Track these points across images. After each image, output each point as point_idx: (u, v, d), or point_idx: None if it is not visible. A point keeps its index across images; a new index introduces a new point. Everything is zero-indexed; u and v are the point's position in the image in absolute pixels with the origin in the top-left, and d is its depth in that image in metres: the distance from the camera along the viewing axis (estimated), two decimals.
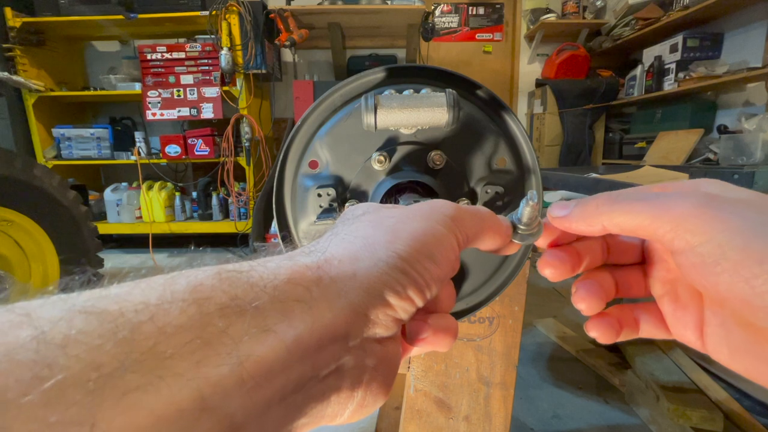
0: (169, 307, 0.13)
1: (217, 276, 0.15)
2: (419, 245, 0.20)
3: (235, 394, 0.13)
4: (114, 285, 0.14)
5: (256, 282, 0.15)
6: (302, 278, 0.17)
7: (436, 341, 0.22)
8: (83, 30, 2.92)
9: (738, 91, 2.44)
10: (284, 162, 0.39)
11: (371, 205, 0.24)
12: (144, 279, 0.14)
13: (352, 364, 0.18)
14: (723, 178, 0.86)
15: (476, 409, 0.51)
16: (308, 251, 0.19)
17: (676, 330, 0.23)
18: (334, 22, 2.89)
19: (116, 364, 0.11)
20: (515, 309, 0.51)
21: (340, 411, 0.18)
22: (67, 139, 2.83)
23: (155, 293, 0.13)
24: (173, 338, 0.13)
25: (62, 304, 0.12)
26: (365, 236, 0.20)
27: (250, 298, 0.15)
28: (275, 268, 0.17)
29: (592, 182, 0.80)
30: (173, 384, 0.12)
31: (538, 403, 1.22)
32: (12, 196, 1.42)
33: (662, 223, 0.20)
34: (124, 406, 0.11)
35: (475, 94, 0.39)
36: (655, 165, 1.04)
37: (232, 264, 0.16)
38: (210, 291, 0.14)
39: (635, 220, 0.21)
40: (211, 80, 2.70)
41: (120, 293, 0.13)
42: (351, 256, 0.19)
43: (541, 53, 3.57)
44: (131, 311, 0.13)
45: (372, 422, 1.05)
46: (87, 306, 0.12)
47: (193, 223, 2.91)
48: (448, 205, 0.23)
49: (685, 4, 2.46)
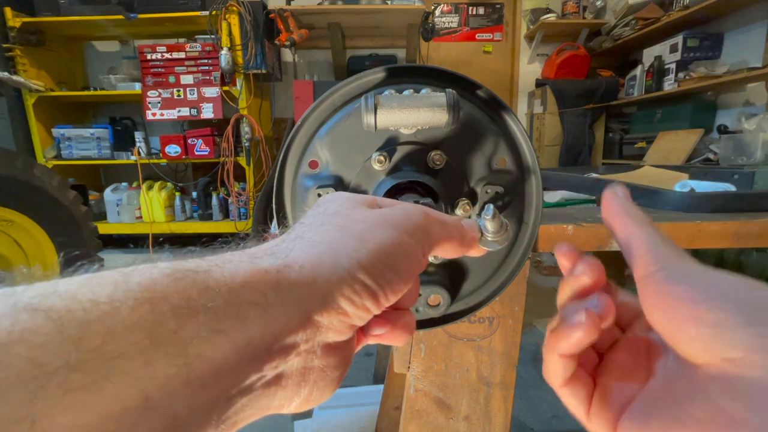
0: (119, 305, 0.13)
1: (173, 275, 0.15)
2: (384, 256, 0.20)
3: (180, 393, 0.13)
4: (63, 280, 0.14)
5: (211, 284, 0.15)
6: (259, 282, 0.16)
7: (393, 337, 0.23)
8: (83, 30, 2.92)
9: (738, 91, 2.44)
10: (284, 162, 0.39)
11: (345, 201, 0.23)
12: (95, 274, 0.14)
13: (300, 365, 0.18)
14: (723, 178, 0.85)
15: (476, 409, 0.51)
16: (271, 251, 0.19)
17: (595, 410, 0.22)
18: (334, 22, 2.89)
19: (60, 362, 0.11)
20: (515, 309, 0.51)
21: (286, 404, 0.19)
22: (67, 139, 2.83)
23: (106, 291, 0.13)
24: (122, 338, 0.12)
25: (6, 299, 0.12)
26: (331, 241, 0.20)
27: (204, 300, 0.15)
28: (233, 270, 0.16)
29: (592, 182, 0.80)
30: (118, 383, 0.12)
31: (538, 403, 1.22)
32: (12, 196, 1.42)
33: (636, 247, 0.21)
34: (67, 404, 0.11)
35: (475, 94, 0.39)
36: (655, 165, 1.04)
37: (190, 262, 0.16)
38: (163, 290, 0.14)
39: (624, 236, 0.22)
40: (211, 80, 2.70)
41: (69, 290, 0.13)
42: (313, 261, 0.18)
43: (541, 53, 3.57)
44: (79, 309, 0.12)
45: (372, 422, 1.05)
46: (33, 302, 0.12)
47: (193, 223, 2.91)
48: (420, 213, 0.23)
49: (685, 4, 2.46)
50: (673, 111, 2.68)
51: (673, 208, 0.59)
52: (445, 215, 0.25)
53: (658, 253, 0.20)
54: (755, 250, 1.49)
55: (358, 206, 0.23)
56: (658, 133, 2.69)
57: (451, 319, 0.40)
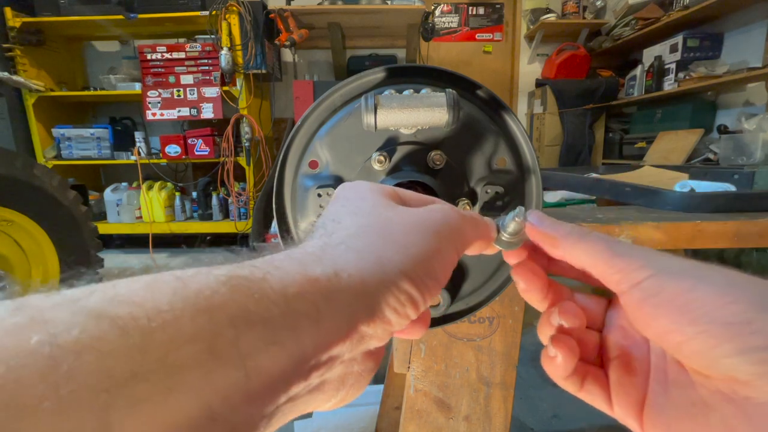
0: (180, 314, 0.13)
1: (229, 283, 0.15)
2: (425, 263, 0.20)
3: (240, 405, 0.13)
4: (122, 282, 0.14)
5: (267, 294, 0.15)
6: (311, 292, 0.17)
7: (413, 331, 0.24)
8: (83, 30, 2.92)
9: (738, 91, 2.44)
10: (284, 162, 0.39)
11: (370, 194, 0.23)
12: (153, 277, 0.14)
13: (342, 371, 0.19)
14: (723, 178, 0.85)
15: (476, 409, 0.51)
16: (317, 257, 0.19)
17: (617, 399, 0.23)
18: (334, 22, 2.89)
19: (128, 372, 0.11)
20: (515, 309, 0.51)
21: (322, 405, 0.19)
22: (67, 139, 2.83)
23: (165, 298, 0.13)
24: (183, 348, 0.12)
25: (72, 305, 0.12)
26: (375, 249, 0.20)
27: (260, 310, 0.15)
28: (285, 278, 0.16)
29: (592, 182, 0.80)
30: (183, 394, 0.12)
31: (538, 403, 1.22)
32: (12, 196, 1.42)
33: (616, 261, 0.21)
34: (137, 415, 0.11)
35: (475, 94, 0.39)
36: (655, 165, 1.04)
37: (245, 267, 0.16)
38: (221, 300, 0.14)
39: (593, 257, 0.22)
40: (211, 80, 2.70)
41: (130, 296, 0.13)
42: (360, 270, 0.19)
43: (541, 53, 3.57)
44: (143, 317, 0.12)
45: (372, 422, 1.05)
46: (98, 308, 0.12)
47: (193, 223, 2.91)
48: (455, 216, 0.23)
49: (685, 4, 2.46)
50: (673, 111, 2.68)
51: (673, 208, 0.59)
52: (476, 214, 0.25)
53: (632, 261, 0.21)
54: (755, 250, 1.49)
55: (389, 204, 0.23)
56: (658, 133, 2.68)
57: (451, 319, 0.40)
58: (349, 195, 0.24)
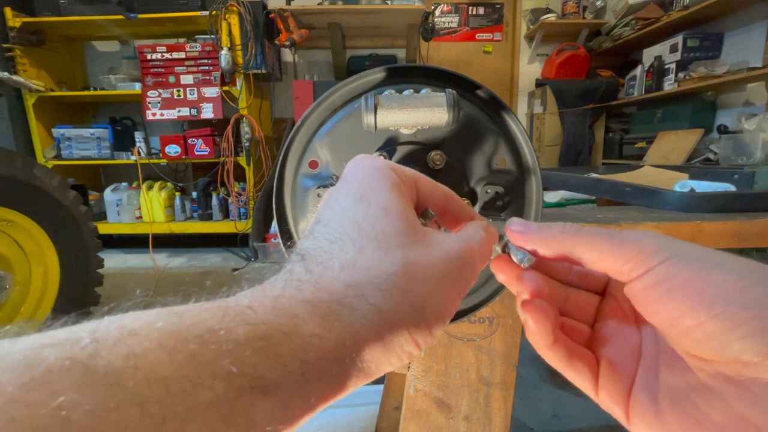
0: (200, 381, 0.13)
1: (251, 346, 0.15)
2: (440, 322, 0.20)
3: None
4: (135, 339, 0.13)
5: (286, 360, 0.15)
6: (329, 360, 0.17)
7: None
8: (83, 30, 2.92)
9: (738, 91, 2.44)
10: (284, 162, 0.39)
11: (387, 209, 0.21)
12: (173, 332, 0.14)
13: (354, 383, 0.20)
14: (723, 178, 0.85)
15: (476, 409, 0.51)
16: (336, 315, 0.18)
17: (604, 382, 0.22)
18: (334, 22, 2.89)
19: None
20: (515, 309, 0.51)
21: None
22: (67, 139, 2.83)
23: (182, 356, 0.13)
24: (200, 417, 0.13)
25: (83, 369, 0.12)
26: (395, 310, 0.19)
27: (277, 378, 0.15)
28: (307, 344, 0.16)
29: (592, 182, 0.80)
30: None
31: (538, 403, 1.22)
32: (12, 196, 1.42)
33: (624, 250, 0.20)
34: None
35: (475, 94, 0.39)
36: (655, 165, 1.04)
37: (271, 326, 0.16)
38: (240, 366, 0.14)
39: (597, 249, 0.22)
40: (211, 80, 2.70)
41: (149, 357, 0.13)
42: (380, 337, 0.18)
43: (541, 53, 3.57)
44: (162, 389, 0.12)
45: (372, 422, 1.05)
46: (113, 378, 0.12)
47: (193, 223, 2.91)
48: (473, 261, 0.23)
49: (685, 4, 2.46)
50: (673, 111, 2.68)
51: (673, 208, 0.59)
52: (486, 244, 0.24)
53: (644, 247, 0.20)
54: (755, 250, 1.49)
55: (408, 229, 0.21)
56: (658, 133, 2.69)
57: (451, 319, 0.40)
58: (337, 192, 0.23)
